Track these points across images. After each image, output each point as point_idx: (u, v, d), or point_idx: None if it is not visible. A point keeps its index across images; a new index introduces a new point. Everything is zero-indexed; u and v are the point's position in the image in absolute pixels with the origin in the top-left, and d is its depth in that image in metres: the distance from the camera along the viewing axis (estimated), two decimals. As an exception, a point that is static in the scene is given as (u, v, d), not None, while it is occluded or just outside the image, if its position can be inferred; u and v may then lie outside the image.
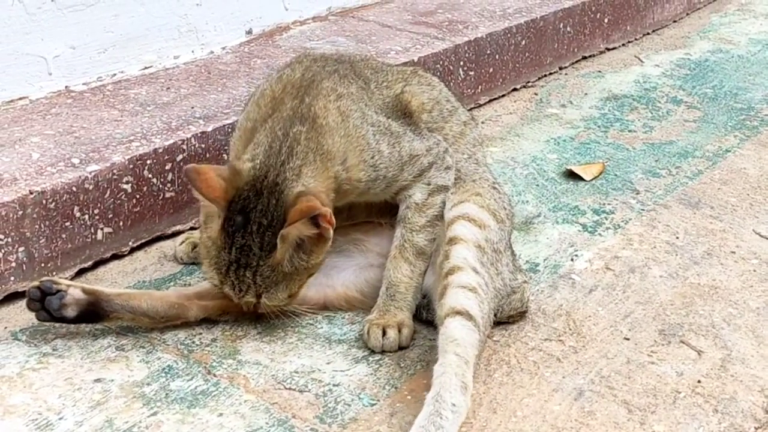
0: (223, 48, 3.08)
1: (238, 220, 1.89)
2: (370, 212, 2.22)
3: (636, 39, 4.08)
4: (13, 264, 2.11)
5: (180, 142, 2.40)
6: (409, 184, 2.10)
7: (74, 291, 2.00)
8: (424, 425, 1.70)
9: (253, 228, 1.89)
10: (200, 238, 1.99)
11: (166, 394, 1.86)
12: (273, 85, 2.10)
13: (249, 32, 3.17)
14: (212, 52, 3.04)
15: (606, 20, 3.88)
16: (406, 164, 2.08)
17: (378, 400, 1.86)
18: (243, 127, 2.07)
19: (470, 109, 3.26)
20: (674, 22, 4.35)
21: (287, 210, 1.88)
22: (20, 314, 2.06)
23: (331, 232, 1.91)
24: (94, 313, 2.01)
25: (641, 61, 3.84)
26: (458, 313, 1.87)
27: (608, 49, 3.93)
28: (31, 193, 2.13)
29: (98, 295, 2.02)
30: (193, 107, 2.60)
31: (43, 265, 2.16)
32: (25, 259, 2.13)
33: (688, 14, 4.47)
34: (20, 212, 2.11)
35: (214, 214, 1.93)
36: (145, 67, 2.87)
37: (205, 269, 1.96)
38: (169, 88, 2.75)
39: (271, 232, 1.89)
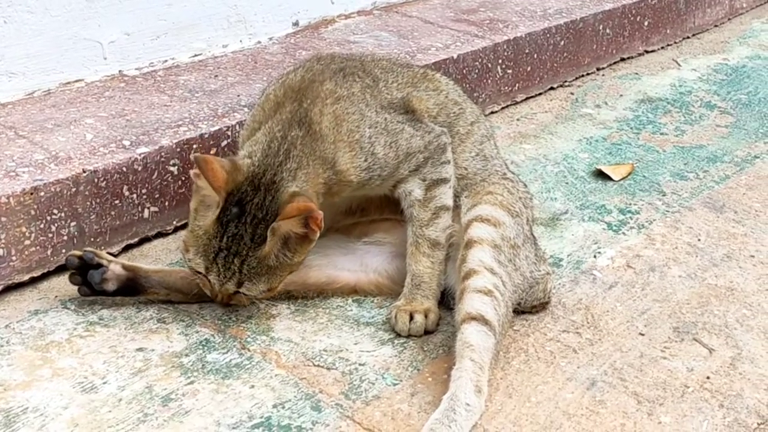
0: (270, 38, 3.20)
1: (234, 210, 1.96)
2: (383, 210, 2.30)
3: (675, 42, 4.14)
4: (65, 238, 2.25)
5: (225, 129, 2.53)
6: (405, 178, 2.17)
7: (115, 267, 2.14)
8: (438, 418, 1.81)
9: (247, 219, 1.97)
10: (189, 225, 2.03)
11: (203, 365, 1.98)
12: (276, 90, 2.18)
13: (295, 24, 3.29)
14: (259, 42, 3.16)
15: (646, 23, 3.95)
16: (402, 161, 2.15)
17: (401, 380, 1.97)
18: (249, 128, 2.15)
19: (506, 107, 3.37)
20: (715, 26, 4.39)
21: (281, 206, 1.96)
22: (70, 285, 2.19)
23: (317, 234, 1.99)
24: (133, 288, 2.16)
25: (679, 64, 3.90)
26: (474, 318, 1.97)
27: (647, 52, 3.99)
28: (84, 172, 2.26)
29: (137, 272, 2.16)
30: (239, 95, 2.73)
31: (92, 239, 2.30)
32: (76, 233, 2.27)
33: (729, 19, 4.51)
34: (73, 189, 2.24)
35: (209, 203, 1.98)
36: (195, 55, 3.00)
37: (190, 256, 2.01)
38: (217, 75, 2.87)
39: (263, 225, 1.97)
